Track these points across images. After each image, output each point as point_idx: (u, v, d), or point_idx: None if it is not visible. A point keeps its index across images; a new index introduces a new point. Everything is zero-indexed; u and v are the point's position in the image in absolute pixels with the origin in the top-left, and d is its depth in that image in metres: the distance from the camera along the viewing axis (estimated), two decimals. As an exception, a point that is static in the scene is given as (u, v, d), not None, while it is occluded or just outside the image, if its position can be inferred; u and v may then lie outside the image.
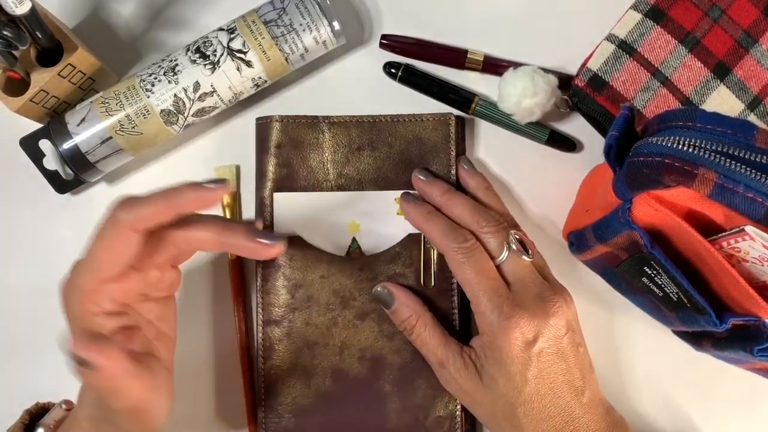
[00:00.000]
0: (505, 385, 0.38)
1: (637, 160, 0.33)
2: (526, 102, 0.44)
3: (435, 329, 0.42)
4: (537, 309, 0.38)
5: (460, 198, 0.43)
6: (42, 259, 0.48)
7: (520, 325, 0.38)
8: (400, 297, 0.43)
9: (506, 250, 0.40)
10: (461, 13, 0.49)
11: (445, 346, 0.41)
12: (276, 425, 0.44)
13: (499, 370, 0.38)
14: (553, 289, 0.40)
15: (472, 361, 0.40)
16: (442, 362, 0.41)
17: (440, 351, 0.41)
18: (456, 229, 0.41)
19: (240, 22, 0.44)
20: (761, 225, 0.31)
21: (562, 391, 0.38)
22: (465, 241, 0.40)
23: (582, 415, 0.38)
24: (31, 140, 0.45)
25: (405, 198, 0.44)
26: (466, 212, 0.42)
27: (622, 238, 0.37)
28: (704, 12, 0.44)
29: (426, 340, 0.42)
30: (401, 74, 0.47)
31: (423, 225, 0.42)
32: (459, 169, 0.46)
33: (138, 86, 0.44)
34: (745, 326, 0.35)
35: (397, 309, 0.43)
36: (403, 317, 0.43)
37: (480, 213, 0.41)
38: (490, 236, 0.40)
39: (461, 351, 0.40)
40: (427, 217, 0.42)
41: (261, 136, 0.46)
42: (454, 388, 0.41)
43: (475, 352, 0.40)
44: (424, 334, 0.42)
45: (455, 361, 0.40)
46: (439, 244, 0.41)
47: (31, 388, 0.46)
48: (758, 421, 0.46)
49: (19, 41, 0.39)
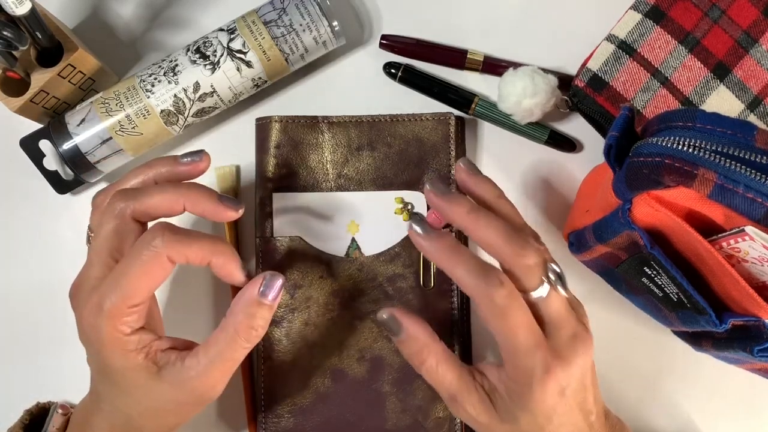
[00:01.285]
0: (528, 425, 0.36)
1: (637, 161, 0.33)
2: (526, 102, 0.44)
3: (448, 364, 0.37)
4: (572, 355, 0.35)
5: (489, 219, 0.35)
6: (42, 259, 0.48)
7: (558, 377, 0.34)
8: (409, 329, 0.37)
9: (546, 285, 0.35)
10: (461, 13, 0.49)
11: (458, 380, 0.37)
12: (276, 425, 0.44)
13: (523, 414, 0.35)
14: (583, 322, 0.36)
15: (487, 393, 0.37)
16: (454, 397, 0.37)
17: (453, 386, 0.37)
18: (489, 271, 0.34)
19: (240, 22, 0.44)
20: (761, 225, 0.31)
21: (578, 418, 0.36)
22: (501, 285, 0.34)
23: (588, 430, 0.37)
24: (31, 140, 0.45)
25: (417, 224, 0.36)
26: (499, 238, 0.35)
27: (622, 239, 0.37)
28: (704, 12, 0.44)
29: (438, 377, 0.37)
30: (401, 74, 0.47)
31: (444, 263, 0.36)
32: (460, 173, 0.38)
33: (138, 86, 0.44)
34: (745, 326, 0.35)
35: (405, 341, 0.38)
36: (411, 351, 0.38)
37: (517, 239, 0.35)
38: (528, 269, 0.34)
39: (475, 385, 0.37)
40: (449, 253, 0.35)
41: (261, 137, 0.46)
42: (467, 418, 0.38)
43: (492, 386, 0.37)
44: (437, 370, 0.37)
45: (470, 397, 0.36)
46: (467, 286, 0.35)
47: (31, 388, 0.47)
48: (758, 421, 0.46)
49: (19, 41, 0.39)
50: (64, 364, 0.47)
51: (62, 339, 0.47)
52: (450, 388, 0.37)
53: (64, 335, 0.47)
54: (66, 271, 0.47)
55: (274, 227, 0.45)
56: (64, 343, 0.47)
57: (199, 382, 0.36)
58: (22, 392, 0.46)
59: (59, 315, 0.47)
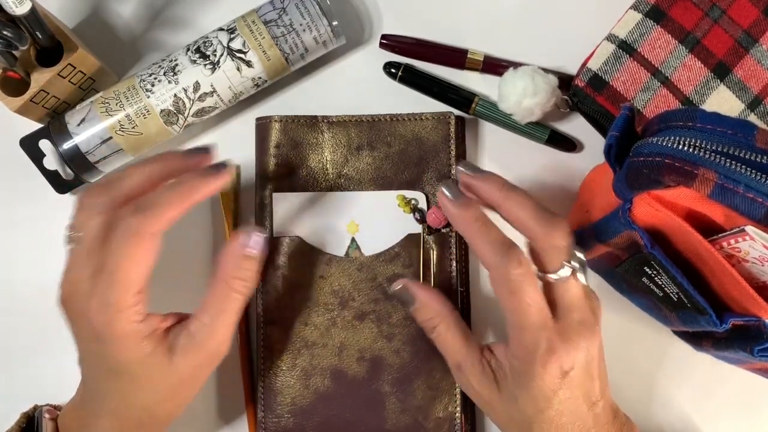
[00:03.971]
0: (526, 404, 0.36)
1: (637, 160, 0.33)
2: (526, 102, 0.44)
3: (457, 330, 0.39)
4: (579, 339, 0.36)
5: (522, 196, 0.36)
6: (42, 259, 0.48)
7: (560, 358, 0.35)
8: (422, 298, 0.40)
9: (568, 268, 0.35)
10: (461, 13, 0.49)
11: (466, 349, 0.38)
12: (275, 425, 0.44)
13: (522, 392, 0.36)
14: (594, 311, 0.37)
15: (492, 369, 0.38)
16: (459, 366, 0.39)
17: (460, 355, 0.39)
18: (510, 248, 0.35)
19: (240, 22, 0.44)
20: (761, 225, 0.31)
21: (581, 408, 0.37)
22: (519, 265, 0.35)
23: (593, 425, 0.37)
24: (31, 140, 0.45)
25: (447, 189, 0.37)
26: (529, 215, 0.36)
27: (622, 238, 0.37)
28: (704, 12, 0.44)
29: (446, 342, 0.39)
30: (401, 74, 0.47)
31: (469, 232, 0.36)
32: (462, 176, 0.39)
33: (138, 86, 0.44)
34: (745, 326, 0.35)
35: (418, 309, 0.40)
36: (424, 317, 0.40)
37: (548, 218, 0.35)
38: (555, 251, 0.35)
39: (480, 357, 0.38)
40: (476, 224, 0.36)
41: (261, 136, 0.46)
42: (469, 390, 0.39)
43: (498, 363, 0.38)
44: (446, 336, 0.39)
45: (473, 368, 0.38)
46: (488, 260, 0.36)
47: (31, 388, 0.47)
48: (758, 421, 0.46)
49: (19, 41, 0.39)
50: (64, 365, 0.47)
51: (62, 339, 0.47)
52: (456, 356, 0.39)
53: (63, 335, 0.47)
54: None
55: (274, 227, 0.45)
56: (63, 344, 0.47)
57: (209, 342, 0.38)
58: (22, 393, 0.46)
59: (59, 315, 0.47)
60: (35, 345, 0.47)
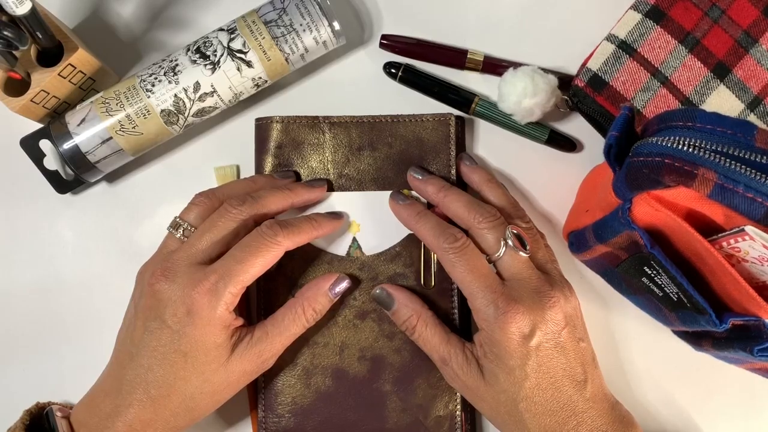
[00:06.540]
0: (506, 380, 0.38)
1: (637, 160, 0.33)
2: (526, 102, 0.44)
3: (436, 327, 0.42)
4: (533, 303, 0.38)
5: (456, 194, 0.42)
6: (42, 259, 0.48)
7: (516, 319, 0.38)
8: (400, 298, 0.43)
9: (503, 246, 0.40)
10: (461, 13, 0.49)
11: (447, 343, 0.41)
12: (276, 425, 0.44)
13: (499, 365, 0.38)
14: (550, 283, 0.40)
15: (474, 356, 0.40)
16: (444, 359, 0.41)
17: (442, 348, 0.41)
18: (446, 229, 0.41)
19: (240, 22, 0.44)
20: (761, 225, 0.31)
21: (564, 386, 0.38)
22: (455, 240, 0.40)
23: (586, 409, 0.38)
24: (31, 140, 0.45)
25: (394, 198, 0.44)
26: (462, 208, 0.41)
27: (622, 238, 0.37)
28: (704, 12, 0.44)
29: (428, 339, 0.42)
30: (401, 74, 0.47)
31: (413, 226, 0.42)
32: (461, 166, 0.45)
33: (138, 86, 0.44)
34: (745, 326, 0.35)
35: (397, 310, 0.43)
36: (403, 318, 0.43)
37: (476, 209, 0.41)
38: (486, 232, 0.40)
39: (463, 347, 0.41)
40: (417, 217, 0.42)
41: (261, 137, 0.46)
42: (458, 384, 0.41)
43: (476, 348, 0.40)
44: (426, 333, 0.42)
45: (457, 357, 0.40)
46: (430, 244, 0.41)
47: (31, 388, 0.47)
48: (758, 421, 0.46)
49: (19, 41, 0.39)
50: (64, 364, 0.47)
51: (62, 339, 0.47)
52: (440, 350, 0.41)
53: (64, 335, 0.47)
54: (66, 270, 0.47)
55: (274, 227, 0.45)
56: (64, 343, 0.47)
57: (266, 351, 0.41)
58: (22, 392, 0.46)
59: (59, 315, 0.47)
60: (35, 345, 0.47)
